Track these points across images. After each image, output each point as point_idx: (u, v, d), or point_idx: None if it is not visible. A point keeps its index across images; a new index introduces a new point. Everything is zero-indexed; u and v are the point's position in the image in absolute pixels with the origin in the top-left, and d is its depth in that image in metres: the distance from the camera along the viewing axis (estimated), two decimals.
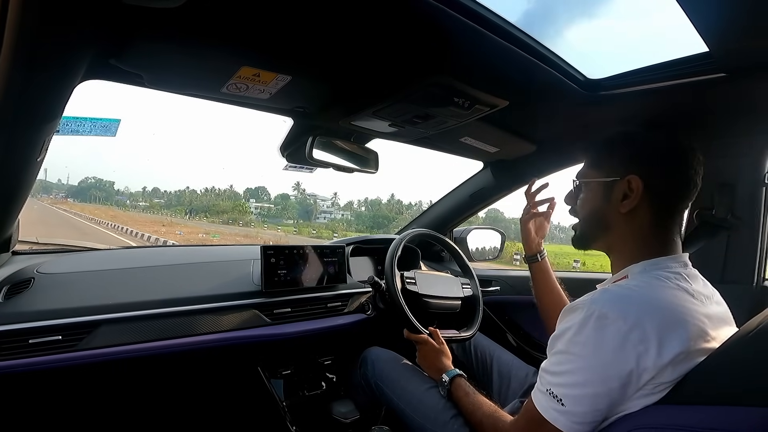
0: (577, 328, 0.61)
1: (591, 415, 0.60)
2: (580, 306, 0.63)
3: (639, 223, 0.70)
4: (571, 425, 0.61)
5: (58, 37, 0.58)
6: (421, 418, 0.98)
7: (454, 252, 1.48)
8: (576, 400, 0.61)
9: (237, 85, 0.85)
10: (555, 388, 0.63)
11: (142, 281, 1.10)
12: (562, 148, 1.34)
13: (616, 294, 0.63)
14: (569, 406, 0.61)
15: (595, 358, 0.60)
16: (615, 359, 0.58)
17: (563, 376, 0.63)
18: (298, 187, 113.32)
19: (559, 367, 0.64)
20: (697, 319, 0.61)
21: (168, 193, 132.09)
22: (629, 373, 0.58)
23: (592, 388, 0.60)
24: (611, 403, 0.60)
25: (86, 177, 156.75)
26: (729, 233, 1.08)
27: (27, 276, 1.00)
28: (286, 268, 1.23)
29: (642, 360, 0.57)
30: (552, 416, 0.62)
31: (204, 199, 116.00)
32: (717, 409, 0.53)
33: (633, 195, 0.69)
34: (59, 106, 0.74)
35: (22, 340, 0.85)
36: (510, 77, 0.88)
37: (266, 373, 1.26)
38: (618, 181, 0.71)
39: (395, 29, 0.71)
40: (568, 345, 0.63)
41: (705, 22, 0.64)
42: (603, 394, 0.59)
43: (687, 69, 0.82)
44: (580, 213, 0.79)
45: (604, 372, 0.59)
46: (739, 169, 1.05)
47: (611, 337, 0.58)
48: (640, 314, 0.59)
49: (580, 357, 0.61)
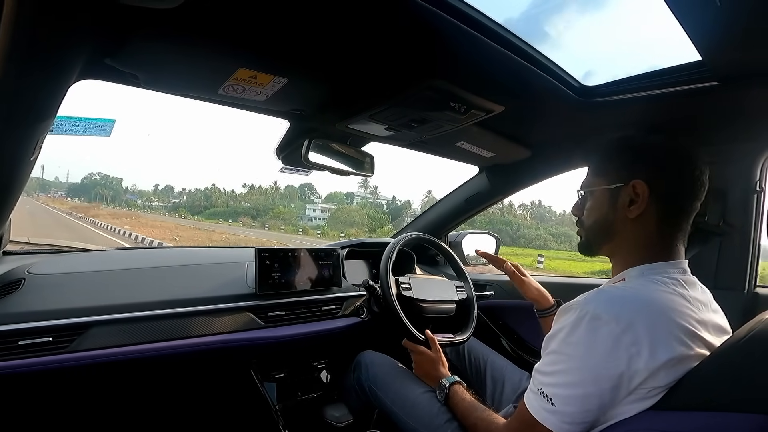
0: (570, 329, 0.62)
1: (581, 416, 0.61)
2: (574, 306, 0.63)
3: (646, 228, 0.69)
4: (560, 425, 0.61)
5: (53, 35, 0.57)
6: (414, 422, 0.98)
7: (449, 256, 1.48)
8: (566, 400, 0.61)
9: (233, 86, 0.85)
10: (546, 388, 0.63)
11: (134, 283, 1.09)
12: (557, 153, 1.35)
13: (610, 294, 0.63)
14: (559, 406, 0.61)
15: (587, 359, 0.60)
16: (606, 360, 0.58)
17: (554, 376, 0.63)
18: (365, 184, 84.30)
19: (551, 367, 0.64)
20: (691, 325, 0.61)
21: (188, 191, 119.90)
22: (620, 375, 0.58)
23: (582, 388, 0.60)
24: (602, 404, 0.60)
25: (90, 173, 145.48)
26: (721, 239, 1.09)
27: (17, 276, 0.99)
28: (281, 271, 1.22)
29: (633, 362, 0.57)
30: (542, 416, 0.63)
31: (248, 198, 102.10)
32: (710, 415, 0.53)
33: (640, 200, 0.68)
34: (53, 105, 0.73)
35: (11, 342, 0.84)
36: (506, 83, 0.88)
37: (259, 377, 1.25)
38: (623, 186, 0.70)
39: (392, 33, 0.71)
40: (561, 345, 0.63)
41: (698, 32, 0.65)
42: (593, 395, 0.60)
43: (680, 77, 0.83)
44: (586, 222, 0.78)
45: (595, 373, 0.59)
46: (731, 175, 1.06)
47: (603, 339, 0.59)
48: (634, 316, 0.59)
49: (571, 357, 0.61)
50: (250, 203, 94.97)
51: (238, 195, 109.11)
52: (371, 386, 1.12)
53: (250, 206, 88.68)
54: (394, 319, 1.20)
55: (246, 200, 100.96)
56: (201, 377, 1.23)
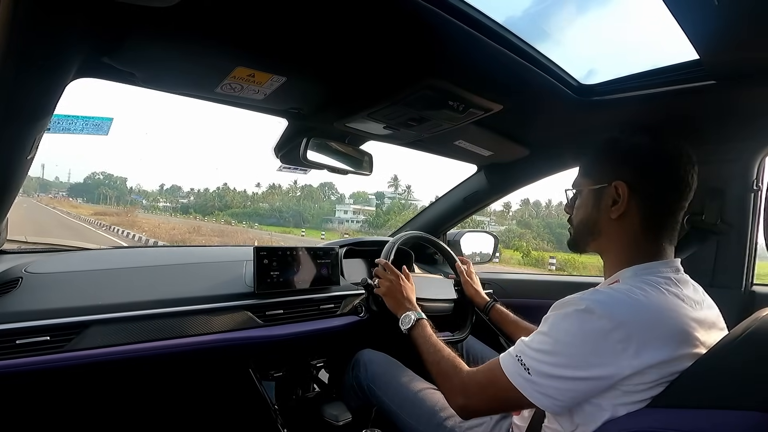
0: (563, 316, 0.64)
1: (554, 392, 0.62)
2: (569, 301, 0.65)
3: (629, 228, 0.71)
4: (534, 394, 0.63)
5: (51, 33, 0.57)
6: (413, 420, 0.98)
7: (447, 254, 1.48)
8: (542, 375, 0.63)
9: (231, 85, 0.85)
10: (526, 359, 0.65)
11: (132, 282, 1.08)
12: (556, 152, 1.35)
13: (606, 295, 0.64)
14: (534, 377, 0.64)
15: (572, 347, 0.62)
16: (592, 352, 0.60)
17: (537, 353, 0.65)
18: (395, 183, 78.30)
19: (536, 345, 0.66)
20: (685, 324, 0.61)
21: (197, 192, 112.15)
22: (602, 367, 0.59)
23: (561, 370, 0.62)
24: (577, 390, 0.61)
25: (93, 172, 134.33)
26: (718, 238, 1.09)
27: (15, 275, 0.99)
28: (279, 270, 1.22)
29: (619, 359, 0.58)
30: (518, 381, 0.65)
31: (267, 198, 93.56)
32: (706, 413, 0.53)
33: (621, 201, 0.70)
34: (50, 103, 0.73)
35: (9, 341, 0.84)
36: (504, 81, 0.88)
37: (258, 375, 1.25)
38: (606, 187, 0.73)
39: (390, 32, 0.71)
40: (551, 328, 0.65)
41: (696, 31, 0.65)
42: (570, 379, 0.61)
43: (678, 76, 0.84)
44: (574, 220, 0.80)
45: (577, 360, 0.61)
46: (728, 174, 1.06)
47: (593, 331, 0.60)
48: (626, 317, 0.60)
49: (558, 342, 0.63)
50: (269, 203, 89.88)
51: (254, 195, 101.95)
52: (370, 385, 1.12)
53: (270, 207, 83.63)
54: (392, 318, 1.20)
55: (264, 200, 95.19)
56: (199, 376, 1.23)
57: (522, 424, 0.82)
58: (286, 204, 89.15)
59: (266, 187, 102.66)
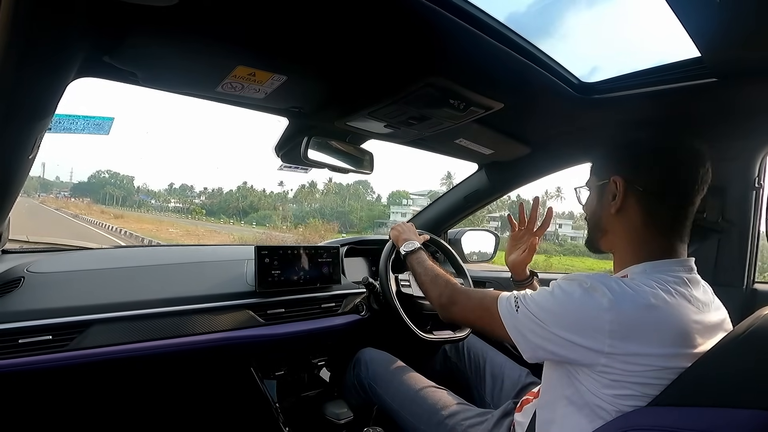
0: (568, 283, 0.67)
1: (529, 333, 0.67)
2: (577, 277, 0.67)
3: (630, 223, 0.71)
4: (510, 325, 0.69)
5: (51, 33, 0.57)
6: (414, 418, 0.98)
7: (448, 253, 1.48)
8: (527, 316, 0.68)
9: (232, 84, 0.85)
10: (521, 302, 0.70)
11: (134, 281, 1.09)
12: (557, 150, 1.35)
13: (614, 282, 0.64)
14: (520, 315, 0.69)
15: (567, 307, 0.64)
16: (580, 320, 0.62)
17: (533, 302, 0.68)
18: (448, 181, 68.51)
19: (537, 296, 0.69)
20: (686, 325, 0.61)
21: (210, 191, 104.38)
22: (582, 335, 0.62)
23: (545, 322, 0.65)
24: (549, 342, 0.65)
25: (98, 170, 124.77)
26: (720, 236, 1.09)
27: (17, 275, 0.99)
28: (281, 269, 1.22)
29: (602, 336, 0.60)
30: (503, 311, 0.71)
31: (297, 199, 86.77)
32: (708, 411, 0.53)
33: (618, 195, 0.71)
34: (52, 103, 0.73)
35: (11, 340, 0.84)
36: (505, 80, 0.88)
37: (259, 374, 1.26)
38: (606, 183, 0.74)
39: (391, 30, 0.71)
40: (554, 287, 0.68)
41: (697, 29, 0.65)
42: (548, 331, 0.65)
43: (679, 74, 0.83)
44: (587, 219, 0.82)
45: (564, 320, 0.64)
46: (729, 172, 1.06)
47: (590, 303, 0.62)
48: (626, 306, 0.60)
49: (556, 300, 0.66)
50: (298, 204, 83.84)
51: (283, 194, 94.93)
52: (371, 383, 1.12)
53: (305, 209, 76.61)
54: (393, 317, 1.20)
55: (294, 201, 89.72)
56: (201, 375, 1.24)
57: (524, 421, 0.83)
58: (327, 205, 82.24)
59: (296, 187, 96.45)
